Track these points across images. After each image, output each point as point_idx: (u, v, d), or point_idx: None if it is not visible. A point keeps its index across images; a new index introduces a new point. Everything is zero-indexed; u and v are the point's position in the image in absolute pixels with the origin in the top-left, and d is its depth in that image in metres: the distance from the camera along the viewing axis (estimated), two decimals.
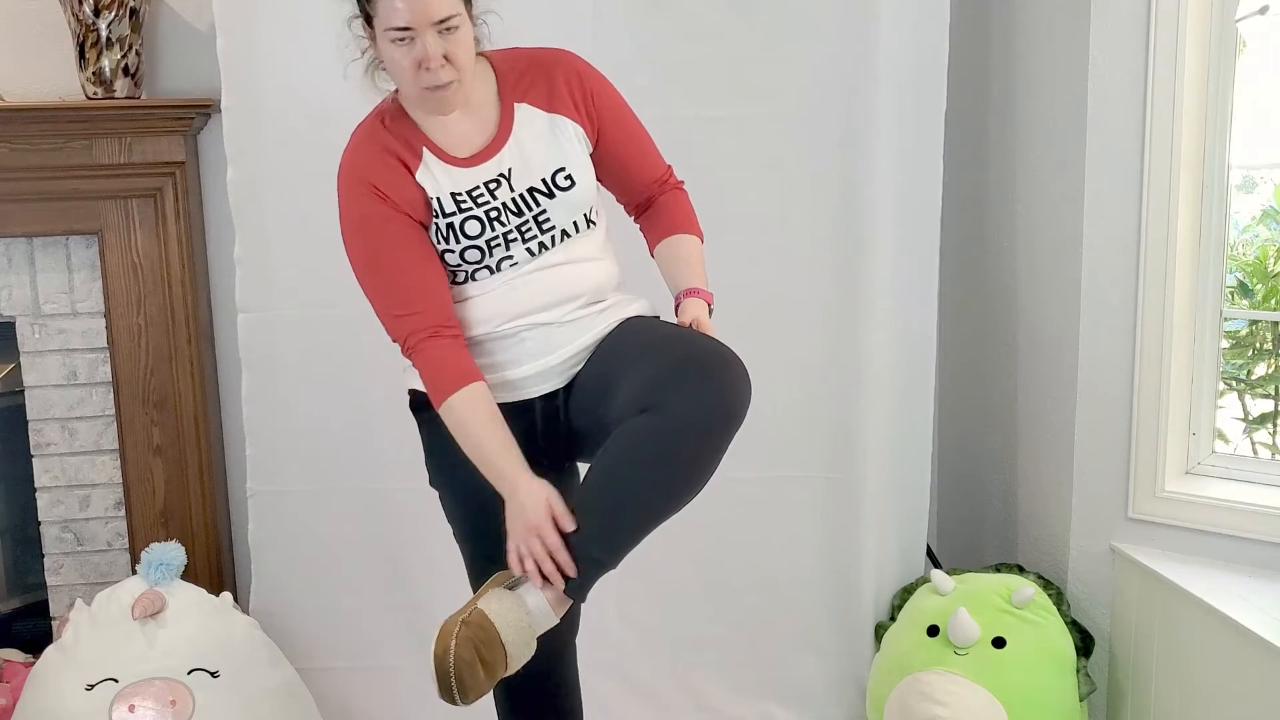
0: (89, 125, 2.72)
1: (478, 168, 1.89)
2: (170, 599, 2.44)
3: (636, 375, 1.80)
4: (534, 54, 1.97)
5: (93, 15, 2.65)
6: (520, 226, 1.88)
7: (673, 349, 1.82)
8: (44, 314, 2.86)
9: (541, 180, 1.89)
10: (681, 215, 2.04)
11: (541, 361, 1.93)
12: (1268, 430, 2.94)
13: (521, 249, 1.89)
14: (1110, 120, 2.47)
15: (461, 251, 1.89)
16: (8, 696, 2.55)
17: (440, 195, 1.88)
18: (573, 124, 1.93)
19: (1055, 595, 2.61)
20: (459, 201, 1.88)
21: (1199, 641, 2.33)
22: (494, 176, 1.89)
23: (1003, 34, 2.82)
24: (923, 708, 2.42)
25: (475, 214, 1.87)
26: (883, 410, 2.80)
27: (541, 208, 1.89)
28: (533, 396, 1.95)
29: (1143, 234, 2.46)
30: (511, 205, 1.88)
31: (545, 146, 1.91)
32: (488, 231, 1.87)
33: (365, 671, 2.83)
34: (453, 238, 1.88)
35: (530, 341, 1.93)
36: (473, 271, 1.91)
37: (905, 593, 2.81)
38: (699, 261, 2.00)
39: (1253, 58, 2.43)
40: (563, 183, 1.90)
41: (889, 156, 2.70)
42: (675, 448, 1.74)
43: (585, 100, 1.94)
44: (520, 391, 1.95)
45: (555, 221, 1.90)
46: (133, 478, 2.90)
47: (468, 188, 1.88)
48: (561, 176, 1.90)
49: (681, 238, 2.02)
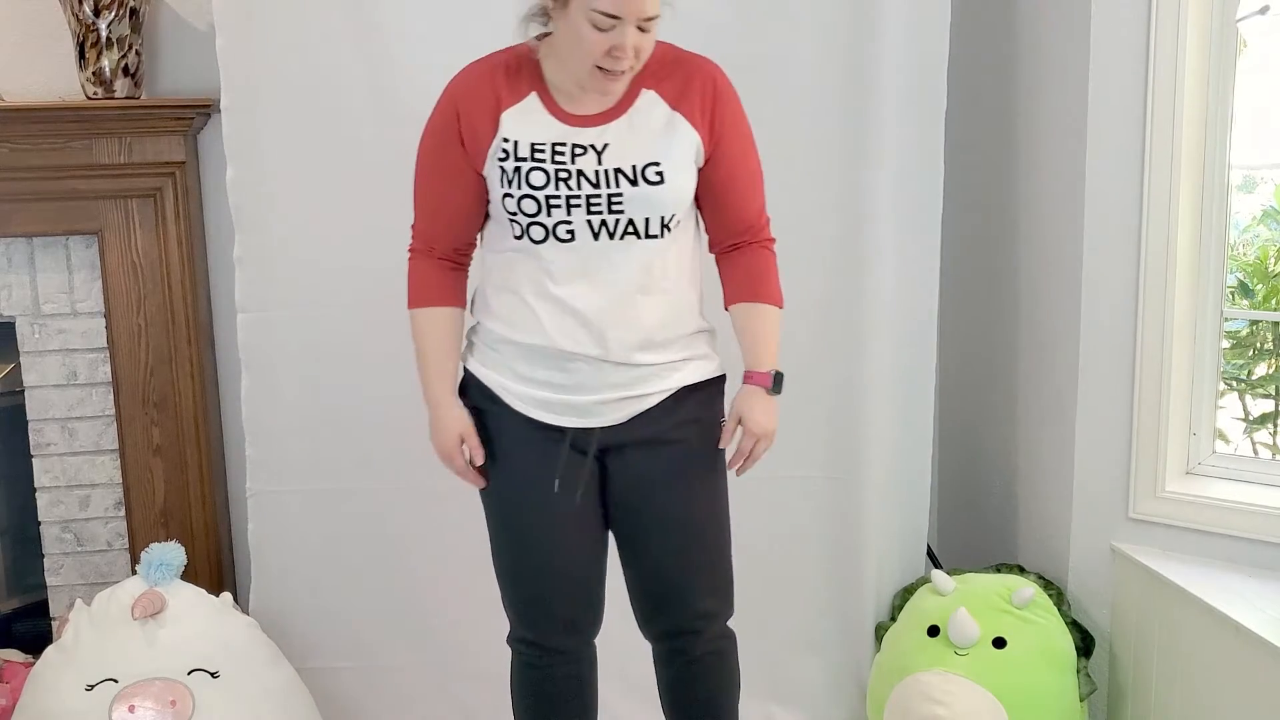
0: (89, 125, 2.72)
1: (576, 129, 1.90)
2: (170, 599, 2.44)
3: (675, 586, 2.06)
4: (681, 53, 1.98)
5: (93, 15, 2.65)
6: (590, 197, 1.88)
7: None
8: (44, 314, 2.86)
9: (631, 166, 1.88)
10: (767, 280, 2.04)
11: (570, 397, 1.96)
12: (1268, 430, 2.94)
13: (583, 219, 1.88)
14: (1110, 120, 2.47)
15: (519, 199, 1.88)
16: (8, 696, 2.55)
17: (519, 139, 1.89)
18: (690, 128, 1.92)
19: (1055, 595, 2.61)
20: (536, 150, 1.88)
21: (1199, 641, 2.33)
22: (586, 144, 1.89)
23: (1003, 34, 2.82)
24: (923, 708, 2.42)
25: (544, 167, 1.88)
26: (883, 410, 2.80)
27: (619, 190, 1.88)
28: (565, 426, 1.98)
29: (1143, 234, 2.46)
30: (590, 177, 1.88)
31: (652, 137, 1.90)
32: (549, 187, 1.87)
33: (365, 671, 2.83)
34: (516, 182, 1.88)
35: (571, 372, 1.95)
36: (528, 226, 1.89)
37: (905, 593, 2.81)
38: (773, 336, 2.03)
39: (1253, 58, 2.43)
40: (651, 176, 1.89)
41: (889, 156, 2.70)
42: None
43: (712, 112, 1.94)
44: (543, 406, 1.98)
45: (628, 210, 1.89)
46: (133, 478, 2.90)
47: (552, 140, 1.88)
48: (653, 171, 1.89)
49: (761, 308, 2.03)
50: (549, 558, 2.05)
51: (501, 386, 2.00)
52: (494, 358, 2.01)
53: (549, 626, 2.10)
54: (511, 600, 2.11)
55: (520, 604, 2.11)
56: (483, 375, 2.02)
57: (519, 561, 2.07)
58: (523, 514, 2.04)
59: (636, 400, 1.98)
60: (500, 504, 2.06)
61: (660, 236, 1.93)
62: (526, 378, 1.97)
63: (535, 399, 1.98)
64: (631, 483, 2.03)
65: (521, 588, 2.09)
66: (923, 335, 2.83)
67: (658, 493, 2.03)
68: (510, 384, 1.99)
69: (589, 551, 2.08)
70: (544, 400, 1.97)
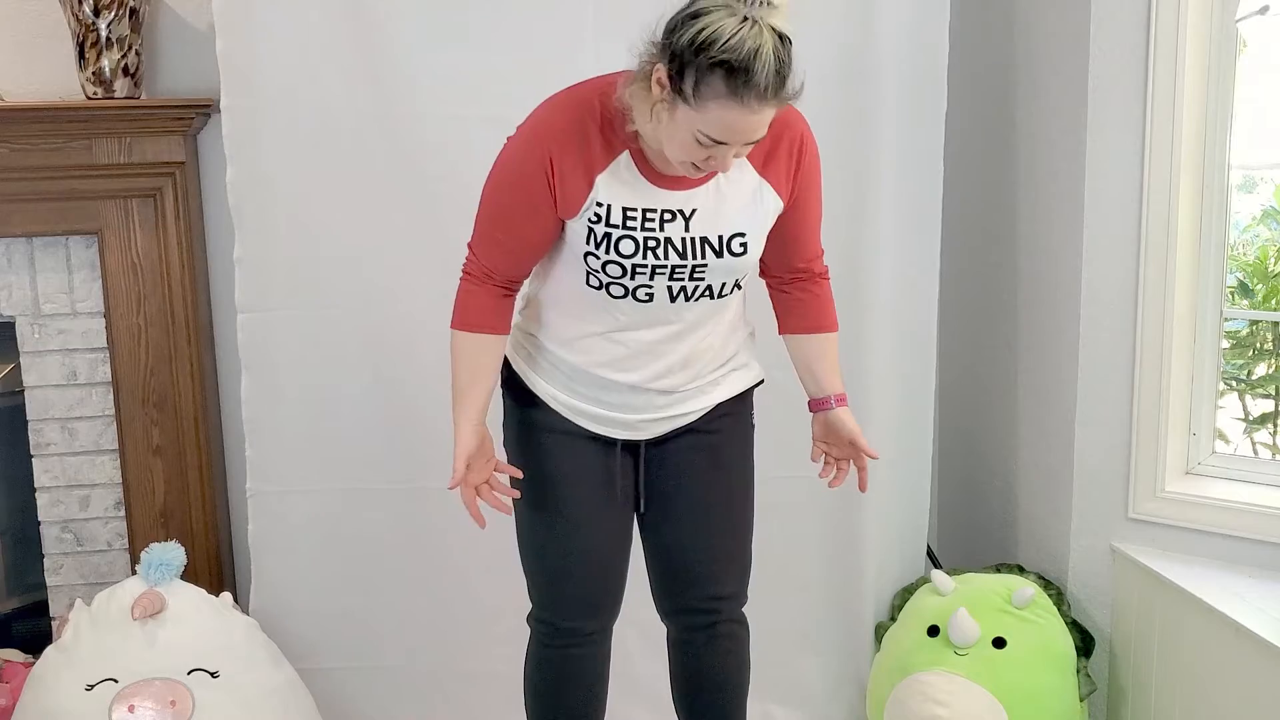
0: (89, 125, 2.72)
1: (666, 192, 1.86)
2: (170, 599, 2.44)
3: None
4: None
5: (93, 15, 2.65)
6: (675, 268, 1.88)
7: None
8: (44, 314, 2.86)
9: (718, 237, 1.88)
10: (828, 311, 2.12)
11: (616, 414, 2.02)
12: (1268, 430, 2.94)
13: (664, 285, 1.90)
14: (1110, 120, 2.47)
15: (604, 264, 1.88)
16: (7, 696, 2.55)
17: (612, 203, 1.84)
18: (774, 194, 1.92)
19: (1055, 595, 2.61)
20: (628, 216, 1.85)
21: (1199, 641, 2.33)
22: (675, 209, 1.86)
23: (1003, 34, 2.82)
24: (923, 708, 2.42)
25: (634, 236, 1.85)
26: (883, 410, 2.80)
27: (704, 261, 1.89)
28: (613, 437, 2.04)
29: (1143, 234, 2.46)
30: (678, 245, 1.87)
31: (739, 206, 1.90)
32: (637, 256, 1.86)
33: (365, 671, 2.83)
34: (605, 247, 1.86)
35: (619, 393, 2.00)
36: (608, 285, 1.90)
37: (905, 593, 2.81)
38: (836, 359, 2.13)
39: (1253, 58, 2.43)
40: (736, 248, 1.90)
41: (889, 156, 2.70)
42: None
43: (797, 172, 1.94)
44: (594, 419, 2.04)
45: (710, 279, 1.91)
46: (133, 478, 2.90)
47: (644, 206, 1.85)
48: (738, 243, 1.90)
49: (829, 337, 2.12)
50: (579, 537, 2.08)
51: (551, 396, 2.03)
52: (545, 368, 2.04)
53: (570, 607, 2.12)
54: (535, 578, 2.14)
55: (544, 583, 2.13)
56: (531, 381, 2.05)
57: (548, 539, 2.10)
58: (560, 492, 2.06)
59: (679, 418, 2.05)
60: (538, 482, 2.07)
61: (730, 294, 1.98)
62: (576, 392, 2.02)
63: (583, 412, 2.03)
64: (667, 471, 2.09)
65: (547, 565, 2.11)
66: (923, 335, 2.83)
67: (690, 476, 2.08)
68: (559, 395, 2.03)
69: (618, 534, 2.12)
70: (592, 415, 2.03)
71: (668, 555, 2.14)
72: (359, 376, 2.71)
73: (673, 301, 1.92)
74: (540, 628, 2.17)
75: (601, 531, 2.09)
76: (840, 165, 2.69)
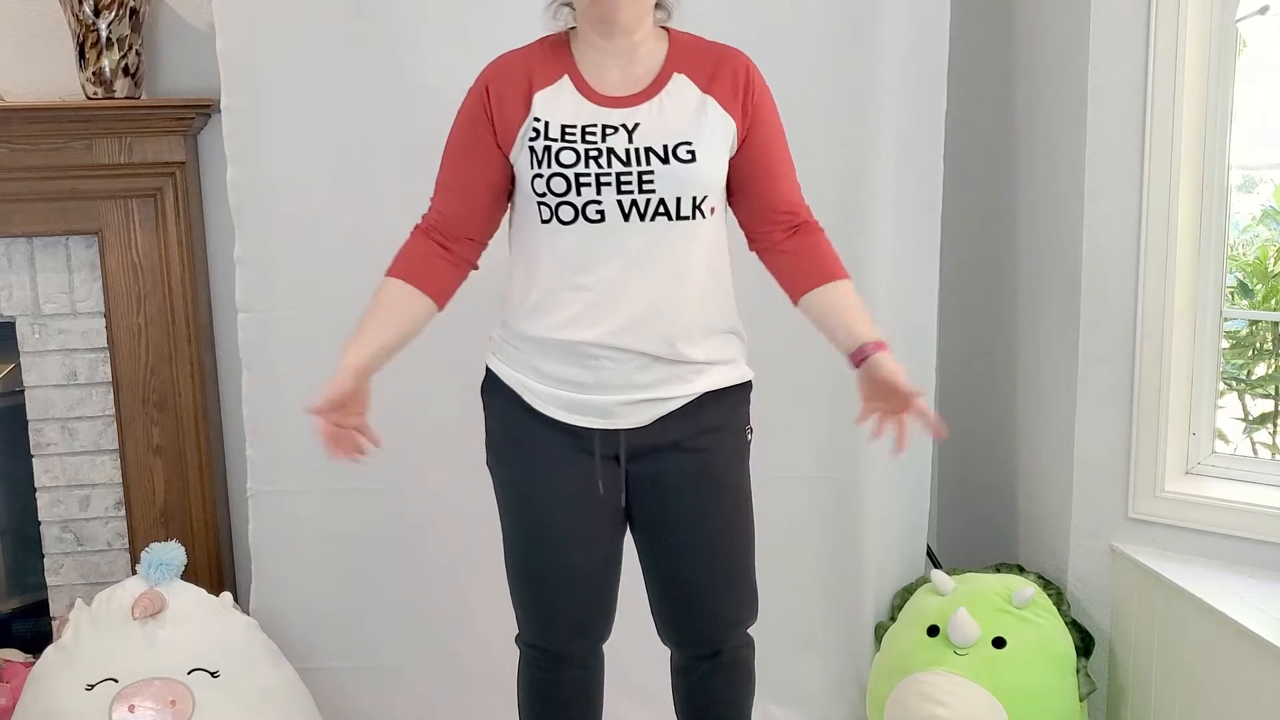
0: (89, 125, 2.72)
1: (607, 109, 1.90)
2: (170, 599, 2.44)
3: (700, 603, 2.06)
4: (711, 43, 1.99)
5: (93, 15, 2.65)
6: (620, 175, 1.86)
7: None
8: (44, 314, 2.86)
9: (663, 145, 1.87)
10: (834, 260, 2.01)
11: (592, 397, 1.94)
12: (1268, 430, 2.94)
13: (613, 198, 1.86)
14: (1110, 120, 2.47)
15: (549, 178, 1.87)
16: (8, 696, 2.55)
17: (551, 119, 1.89)
18: (722, 111, 1.92)
19: (1055, 595, 2.61)
20: (566, 130, 1.88)
21: (1199, 641, 2.33)
22: (617, 124, 1.88)
23: (1002, 34, 2.82)
24: (923, 708, 2.42)
25: (575, 147, 1.87)
26: None
27: (650, 168, 1.87)
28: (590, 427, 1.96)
29: (1143, 234, 2.46)
30: (621, 154, 1.87)
31: (683, 118, 1.90)
32: (579, 165, 1.86)
33: (365, 671, 2.83)
34: (546, 161, 1.87)
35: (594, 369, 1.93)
36: (557, 206, 1.88)
37: (905, 593, 2.81)
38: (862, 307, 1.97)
39: (1253, 58, 2.43)
40: (683, 155, 1.88)
41: (889, 156, 2.70)
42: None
43: (745, 97, 1.94)
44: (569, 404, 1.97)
45: (659, 188, 1.87)
46: (133, 478, 2.90)
47: (584, 123, 1.88)
48: (684, 149, 1.88)
49: (843, 284, 1.99)
50: (564, 560, 2.03)
51: (523, 386, 1.98)
52: (515, 355, 1.99)
53: (559, 631, 2.09)
54: (521, 602, 2.09)
55: (531, 607, 2.08)
56: (504, 374, 2.00)
57: (533, 563, 2.05)
58: (542, 515, 2.01)
59: (660, 403, 1.95)
60: (520, 505, 2.04)
61: (692, 218, 1.90)
62: (548, 375, 1.95)
63: (557, 399, 1.95)
64: (653, 491, 2.01)
65: (533, 590, 2.07)
66: (923, 335, 2.82)
67: (680, 501, 2.01)
68: (531, 383, 1.97)
69: (605, 555, 2.06)
70: (566, 400, 1.95)
71: (665, 586, 2.08)
72: None
73: (626, 220, 1.87)
74: (530, 651, 2.13)
75: (588, 553, 2.03)
76: (840, 164, 2.70)
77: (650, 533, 2.05)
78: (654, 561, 2.07)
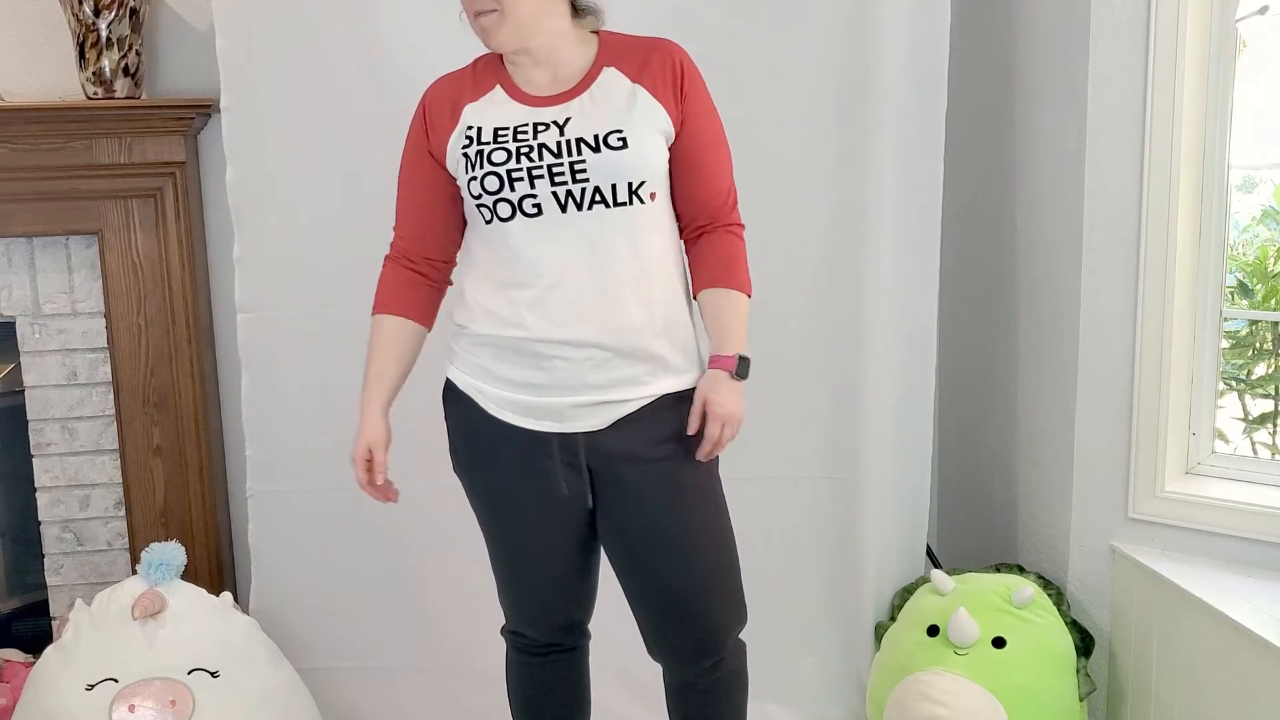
0: (89, 125, 2.72)
1: (538, 109, 1.92)
2: (170, 599, 2.44)
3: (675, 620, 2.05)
4: (642, 37, 2.01)
5: (93, 15, 2.65)
6: (552, 167, 1.87)
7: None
8: (44, 314, 2.86)
9: (594, 135, 1.88)
10: (736, 266, 2.00)
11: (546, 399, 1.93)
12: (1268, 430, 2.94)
13: (548, 190, 1.87)
14: (1110, 120, 2.47)
15: (483, 178, 1.89)
16: (8, 696, 2.55)
17: (483, 124, 1.92)
18: (654, 100, 1.93)
19: (1055, 595, 2.61)
20: (498, 133, 1.91)
21: (1199, 641, 2.33)
22: (548, 121, 1.90)
23: (1003, 34, 2.82)
24: (923, 708, 2.42)
25: (506, 146, 1.89)
26: (883, 410, 2.80)
27: (582, 158, 1.87)
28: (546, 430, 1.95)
29: (1142, 234, 2.46)
30: (553, 147, 1.88)
31: (614, 109, 1.91)
32: (511, 161, 1.88)
33: (365, 671, 2.83)
34: (479, 163, 1.90)
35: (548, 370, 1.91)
36: (494, 204, 1.89)
37: (905, 593, 2.81)
38: (740, 322, 1.97)
39: (1253, 58, 2.43)
40: (614, 142, 1.88)
41: (889, 156, 2.70)
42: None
43: (677, 86, 1.95)
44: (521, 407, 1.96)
45: (592, 176, 1.87)
46: (133, 478, 2.90)
47: (516, 123, 1.91)
48: (615, 137, 1.88)
49: (730, 293, 1.98)
50: (537, 562, 2.05)
51: (477, 390, 1.97)
52: (470, 360, 1.99)
53: (541, 624, 2.13)
54: (502, 598, 2.14)
55: (512, 602, 2.13)
56: (460, 381, 2.01)
57: (508, 564, 2.09)
58: (510, 521, 2.04)
59: (616, 405, 1.92)
60: (488, 511, 2.07)
61: (630, 204, 1.90)
62: (502, 379, 1.94)
63: (512, 402, 1.94)
64: (619, 500, 1.97)
65: (511, 588, 2.11)
66: (923, 335, 2.82)
67: (646, 511, 1.98)
68: (486, 387, 1.96)
69: (580, 552, 2.06)
70: (521, 404, 1.94)
71: (645, 604, 2.06)
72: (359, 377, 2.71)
73: (564, 211, 1.88)
74: (515, 639, 2.17)
75: (560, 554, 2.04)
76: (840, 164, 2.70)
77: (624, 550, 2.02)
78: (631, 578, 2.04)
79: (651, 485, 1.96)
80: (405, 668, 2.84)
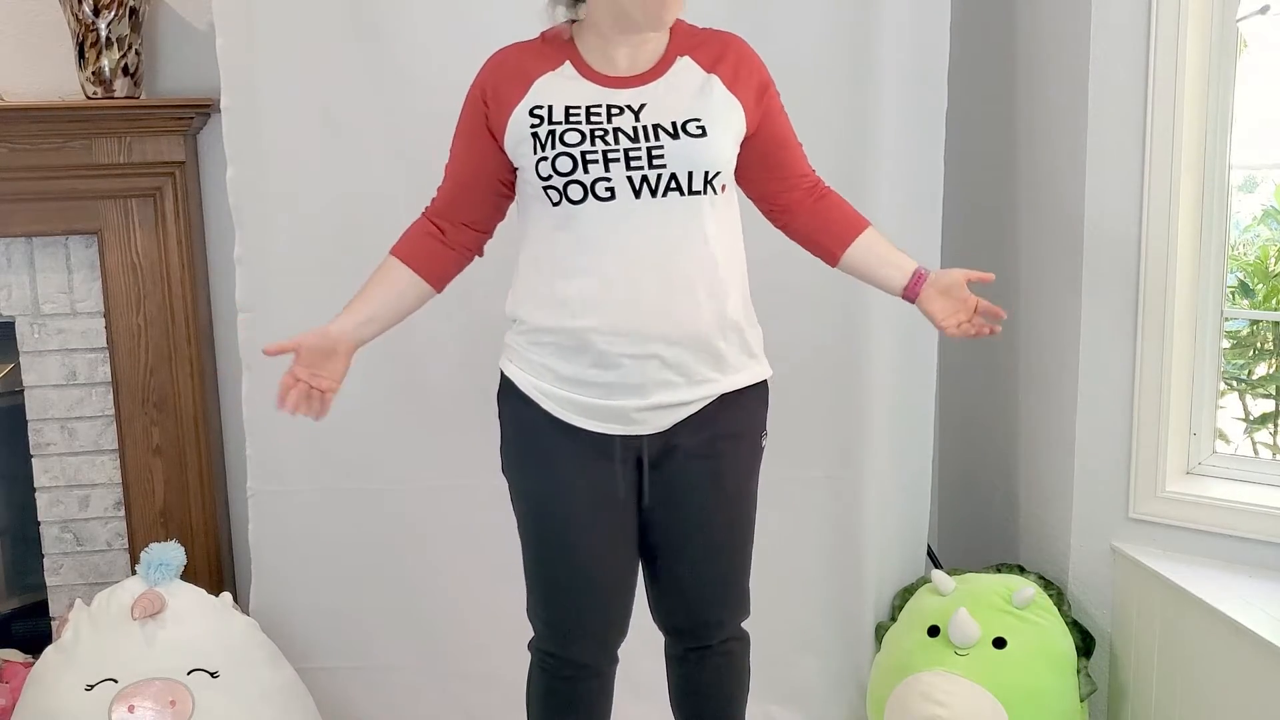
0: (89, 125, 2.72)
1: (612, 90, 1.90)
2: (170, 599, 2.44)
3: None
4: (715, 30, 2.02)
5: (92, 15, 2.65)
6: (629, 151, 1.85)
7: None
8: (43, 314, 2.86)
9: (671, 122, 1.87)
10: (856, 212, 2.08)
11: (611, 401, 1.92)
12: (1268, 430, 2.94)
13: (623, 174, 1.84)
14: (1111, 120, 2.47)
15: (554, 159, 1.85)
16: (7, 696, 2.55)
17: (554, 103, 1.88)
18: (727, 91, 1.93)
19: (1056, 595, 2.61)
20: (570, 112, 1.87)
21: (1199, 641, 2.33)
22: (622, 104, 1.88)
23: (1003, 34, 2.82)
24: (923, 708, 2.41)
25: (580, 127, 1.86)
26: (883, 410, 2.80)
27: (659, 143, 1.86)
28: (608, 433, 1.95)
29: (1143, 234, 2.46)
30: (629, 131, 1.86)
31: (689, 97, 1.91)
32: (585, 144, 1.85)
33: (365, 671, 2.83)
34: (550, 144, 1.86)
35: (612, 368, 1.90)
36: (565, 186, 1.85)
37: (906, 593, 2.81)
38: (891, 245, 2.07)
39: (1253, 58, 2.43)
40: (693, 130, 1.87)
41: (889, 156, 2.70)
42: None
43: (753, 81, 1.96)
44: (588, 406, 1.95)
45: (669, 163, 1.85)
46: (132, 478, 2.90)
47: (589, 103, 1.88)
48: (694, 125, 1.88)
49: (873, 231, 2.07)
50: (587, 572, 2.00)
51: (540, 391, 1.94)
52: (530, 359, 1.95)
53: (579, 643, 2.07)
54: (541, 613, 2.07)
55: (551, 617, 2.06)
56: (520, 380, 1.97)
57: (554, 575, 2.02)
58: (564, 528, 1.99)
59: (679, 408, 1.94)
60: (540, 516, 2.01)
61: (704, 194, 1.89)
62: (567, 379, 1.91)
63: (576, 404, 1.92)
64: (666, 494, 2.00)
65: (554, 602, 2.04)
66: (922, 335, 2.82)
67: (689, 505, 2.01)
68: (549, 388, 1.94)
69: (624, 565, 2.05)
70: (585, 406, 1.92)
71: (664, 581, 2.09)
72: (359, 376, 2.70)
73: (637, 197, 1.85)
74: (546, 660, 2.11)
75: (609, 564, 2.02)
76: (840, 164, 2.69)
77: (656, 533, 2.05)
78: (653, 558, 2.08)
79: (698, 478, 2.00)
80: (405, 668, 2.83)
